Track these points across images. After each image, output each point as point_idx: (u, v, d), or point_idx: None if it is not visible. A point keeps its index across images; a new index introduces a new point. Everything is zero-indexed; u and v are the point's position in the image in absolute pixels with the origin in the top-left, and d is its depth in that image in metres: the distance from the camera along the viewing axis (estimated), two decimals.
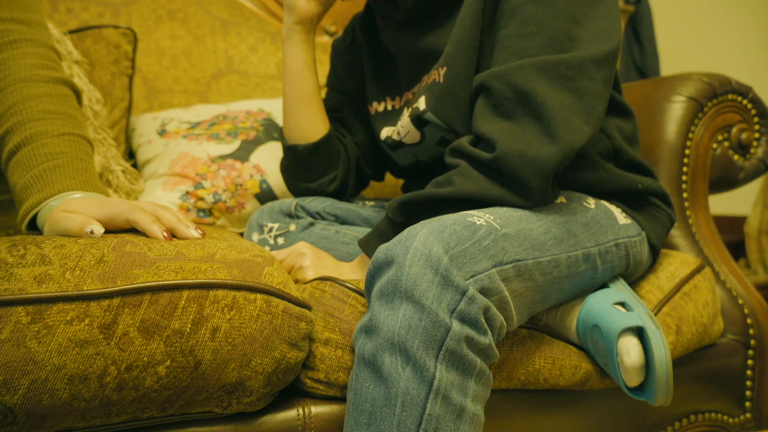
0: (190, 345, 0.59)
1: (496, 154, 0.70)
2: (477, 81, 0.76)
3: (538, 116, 0.70)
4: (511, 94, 0.71)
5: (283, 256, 0.86)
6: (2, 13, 0.81)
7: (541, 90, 0.70)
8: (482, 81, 0.75)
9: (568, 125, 0.70)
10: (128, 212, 0.65)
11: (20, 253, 0.58)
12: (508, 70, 0.72)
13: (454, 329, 0.58)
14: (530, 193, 0.71)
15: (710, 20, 2.64)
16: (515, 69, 0.71)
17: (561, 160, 0.70)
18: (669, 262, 0.96)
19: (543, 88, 0.70)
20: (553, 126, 0.69)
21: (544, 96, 0.70)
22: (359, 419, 0.59)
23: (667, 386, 0.71)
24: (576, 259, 0.74)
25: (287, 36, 0.97)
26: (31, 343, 0.54)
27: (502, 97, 0.72)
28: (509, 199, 0.71)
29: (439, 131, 0.86)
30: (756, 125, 1.13)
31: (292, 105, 0.99)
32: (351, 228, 0.97)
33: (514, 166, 0.69)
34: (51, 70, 0.81)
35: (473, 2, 0.79)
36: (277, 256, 0.86)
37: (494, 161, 0.70)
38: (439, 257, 0.60)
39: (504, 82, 0.72)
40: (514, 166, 0.69)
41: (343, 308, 0.70)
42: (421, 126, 0.87)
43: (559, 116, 0.69)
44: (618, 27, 0.77)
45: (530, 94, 0.70)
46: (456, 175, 0.73)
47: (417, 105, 0.87)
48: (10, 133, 0.75)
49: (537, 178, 0.69)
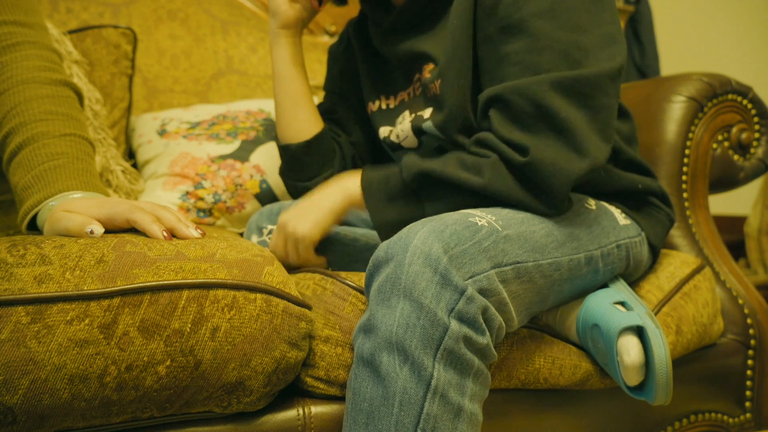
0: (190, 345, 0.59)
1: (530, 159, 0.70)
2: (492, 93, 0.75)
3: (561, 132, 0.70)
4: (531, 109, 0.71)
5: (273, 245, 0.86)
6: (5, 16, 0.82)
7: (562, 106, 0.70)
8: (498, 93, 0.74)
9: (591, 141, 0.70)
10: (128, 212, 0.65)
11: (20, 253, 0.58)
12: (527, 84, 0.71)
13: (452, 328, 0.58)
14: (554, 202, 0.71)
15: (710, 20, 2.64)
16: (534, 84, 0.71)
17: (587, 174, 0.70)
18: (669, 262, 0.96)
19: (563, 104, 0.70)
20: (579, 141, 0.70)
21: (566, 112, 0.70)
22: (358, 419, 0.59)
23: (667, 386, 0.71)
24: (578, 262, 0.74)
25: (273, 40, 0.99)
26: (31, 343, 0.54)
27: (521, 111, 0.72)
28: (532, 205, 0.72)
29: (436, 140, 0.87)
30: (756, 125, 1.13)
31: (282, 106, 1.00)
32: (350, 229, 0.97)
33: (546, 174, 0.69)
34: (53, 72, 0.81)
35: (461, 14, 0.79)
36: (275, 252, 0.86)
37: (527, 166, 0.70)
38: (438, 256, 0.60)
39: (523, 97, 0.71)
40: (546, 174, 0.69)
41: (344, 306, 0.70)
42: (419, 134, 0.89)
43: (581, 132, 0.70)
44: (621, 31, 0.77)
45: (552, 110, 0.70)
46: (487, 166, 0.72)
47: (422, 114, 0.88)
48: (12, 134, 0.75)
49: (564, 188, 0.70)
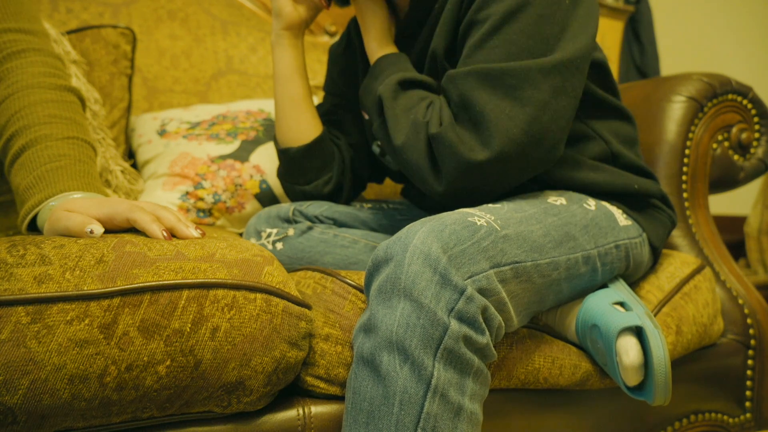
0: (190, 344, 0.59)
1: (438, 131, 0.74)
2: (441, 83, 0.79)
3: (475, 123, 0.73)
4: (457, 99, 0.75)
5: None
6: (10, 24, 0.83)
7: (482, 98, 0.73)
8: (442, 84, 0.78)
9: (503, 134, 0.72)
10: (128, 211, 0.65)
11: (20, 253, 0.58)
12: (458, 74, 0.75)
13: (452, 328, 0.58)
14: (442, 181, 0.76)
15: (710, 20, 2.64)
16: (463, 74, 0.75)
17: (491, 166, 0.73)
18: (669, 263, 0.96)
19: (484, 96, 0.73)
20: (488, 135, 0.72)
21: (483, 104, 0.73)
22: (358, 418, 0.59)
23: (666, 386, 0.71)
24: (576, 261, 0.74)
25: (276, 41, 0.98)
26: (31, 343, 0.54)
27: (450, 100, 0.76)
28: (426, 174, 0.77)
29: None
30: (756, 125, 1.13)
31: (283, 109, 1.00)
32: (349, 231, 0.97)
33: (444, 153, 0.74)
34: (57, 78, 0.83)
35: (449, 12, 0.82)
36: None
37: (434, 138, 0.75)
38: (438, 256, 0.60)
39: (453, 86, 0.76)
40: (444, 153, 0.74)
41: (344, 304, 0.70)
42: None
43: (494, 126, 0.72)
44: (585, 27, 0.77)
45: (471, 101, 0.73)
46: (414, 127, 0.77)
47: None
48: (15, 137, 0.76)
49: (455, 172, 0.74)
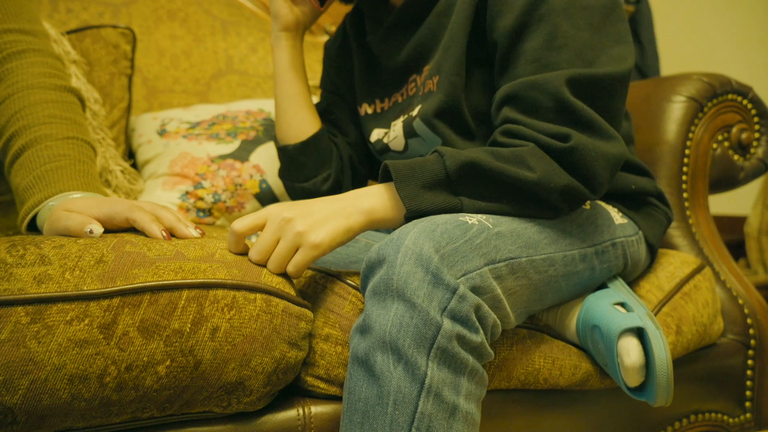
0: (190, 345, 0.59)
1: (573, 144, 0.69)
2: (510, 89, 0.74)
3: (585, 125, 0.70)
4: (552, 104, 0.71)
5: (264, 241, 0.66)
6: (10, 25, 0.83)
7: (578, 102, 0.70)
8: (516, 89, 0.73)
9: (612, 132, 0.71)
10: (127, 211, 0.65)
11: (20, 253, 0.58)
12: (545, 80, 0.71)
13: (445, 327, 0.58)
14: (597, 186, 0.71)
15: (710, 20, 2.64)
16: (553, 79, 0.71)
17: (622, 157, 0.71)
18: (669, 262, 0.96)
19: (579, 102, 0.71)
20: (604, 131, 0.71)
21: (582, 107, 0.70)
22: (353, 418, 0.59)
23: (668, 386, 0.71)
24: (572, 258, 0.74)
25: (275, 42, 0.99)
26: (31, 343, 0.54)
27: (541, 106, 0.71)
28: (578, 189, 0.71)
29: (423, 146, 0.87)
30: (756, 125, 1.12)
31: (282, 107, 1.00)
32: None
33: (590, 158, 0.69)
34: (57, 78, 0.83)
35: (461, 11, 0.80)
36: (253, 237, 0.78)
37: (571, 151, 0.69)
38: (429, 256, 0.60)
39: (542, 92, 0.71)
40: (590, 158, 0.69)
41: (344, 304, 0.70)
42: (409, 135, 0.88)
43: (602, 124, 0.71)
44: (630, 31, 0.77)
45: (571, 104, 0.70)
46: (529, 156, 0.70)
47: (412, 113, 0.87)
48: (15, 137, 0.76)
49: (606, 172, 0.71)
